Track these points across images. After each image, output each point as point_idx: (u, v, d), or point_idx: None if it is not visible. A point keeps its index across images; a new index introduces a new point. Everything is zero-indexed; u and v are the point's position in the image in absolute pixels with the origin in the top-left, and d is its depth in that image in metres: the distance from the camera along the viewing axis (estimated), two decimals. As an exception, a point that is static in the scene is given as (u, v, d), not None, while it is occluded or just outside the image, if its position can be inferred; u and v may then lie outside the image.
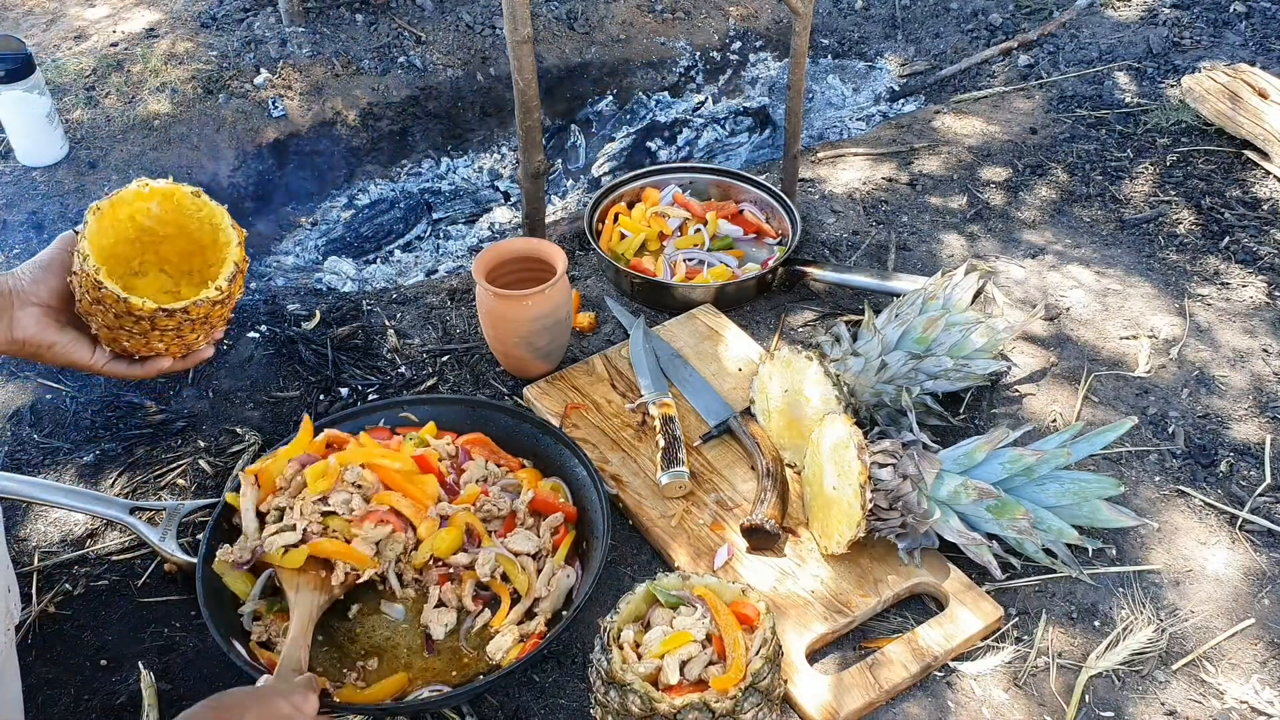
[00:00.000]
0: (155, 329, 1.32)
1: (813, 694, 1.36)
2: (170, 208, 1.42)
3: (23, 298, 1.30)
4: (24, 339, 1.30)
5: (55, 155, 2.51)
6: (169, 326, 1.33)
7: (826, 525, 1.52)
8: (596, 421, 1.76)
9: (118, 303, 1.28)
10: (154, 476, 1.72)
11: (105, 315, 1.30)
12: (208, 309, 1.35)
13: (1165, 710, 1.39)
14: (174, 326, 1.34)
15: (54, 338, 1.32)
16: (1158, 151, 2.49)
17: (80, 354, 1.35)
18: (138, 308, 1.29)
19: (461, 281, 2.15)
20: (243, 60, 2.91)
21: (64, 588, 1.55)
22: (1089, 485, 1.52)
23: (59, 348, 1.32)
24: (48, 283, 1.33)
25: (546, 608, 1.42)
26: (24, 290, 1.31)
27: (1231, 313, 2.04)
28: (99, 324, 1.32)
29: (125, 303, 1.28)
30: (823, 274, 2.03)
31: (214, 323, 1.39)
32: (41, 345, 1.31)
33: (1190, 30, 2.99)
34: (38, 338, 1.30)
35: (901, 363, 1.69)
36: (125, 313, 1.29)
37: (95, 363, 1.36)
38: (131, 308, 1.28)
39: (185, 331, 1.36)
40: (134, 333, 1.32)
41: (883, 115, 3.08)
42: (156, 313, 1.30)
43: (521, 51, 1.85)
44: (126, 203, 1.39)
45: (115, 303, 1.28)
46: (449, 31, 3.13)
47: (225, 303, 1.38)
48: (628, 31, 3.30)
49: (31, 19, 3.12)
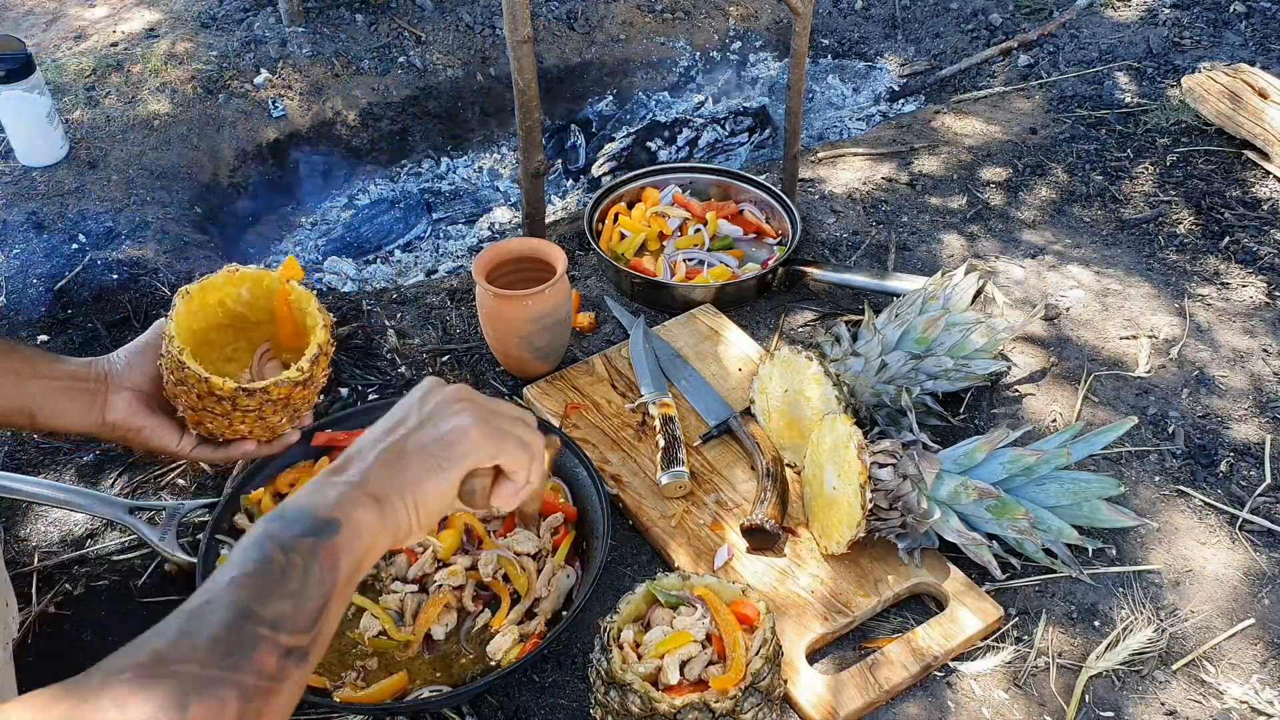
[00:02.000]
0: (237, 409, 1.34)
1: (812, 694, 1.36)
2: (260, 293, 1.44)
3: (116, 382, 1.33)
4: (115, 422, 1.32)
5: (55, 155, 2.51)
6: (250, 407, 1.35)
7: (826, 525, 1.52)
8: (596, 421, 1.76)
9: (200, 383, 1.30)
10: (154, 476, 1.72)
11: (189, 396, 1.32)
12: (289, 390, 1.36)
13: (1165, 710, 1.39)
14: (255, 407, 1.36)
15: (144, 422, 1.34)
16: (1158, 151, 2.50)
17: (168, 439, 1.37)
18: (218, 387, 1.31)
19: (461, 281, 2.15)
20: (243, 60, 2.91)
21: (64, 588, 1.55)
22: (1089, 485, 1.52)
23: (147, 432, 1.35)
24: (141, 367, 1.36)
25: (546, 608, 1.42)
26: (118, 374, 1.34)
27: (1231, 313, 2.04)
28: (184, 405, 1.34)
29: (207, 383, 1.30)
30: (823, 274, 2.03)
31: (297, 405, 1.41)
32: (131, 429, 1.34)
33: (1190, 30, 2.99)
34: (128, 422, 1.33)
35: (901, 363, 1.69)
36: (207, 393, 1.31)
37: (182, 449, 1.39)
38: (213, 387, 1.30)
39: (268, 413, 1.38)
40: (216, 413, 1.34)
41: (883, 115, 3.08)
42: (237, 393, 1.32)
43: (521, 51, 1.85)
44: (216, 287, 1.42)
45: (198, 383, 1.30)
46: (449, 31, 3.14)
47: (307, 384, 1.39)
48: (628, 31, 3.30)
49: (31, 19, 3.12)
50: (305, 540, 0.90)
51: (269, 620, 0.84)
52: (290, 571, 0.88)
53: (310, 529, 0.91)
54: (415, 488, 0.98)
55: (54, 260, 2.23)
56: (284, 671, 0.84)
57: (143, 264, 2.23)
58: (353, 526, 0.93)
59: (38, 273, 2.19)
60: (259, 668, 0.82)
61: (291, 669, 0.84)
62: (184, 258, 2.30)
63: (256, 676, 0.81)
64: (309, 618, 0.87)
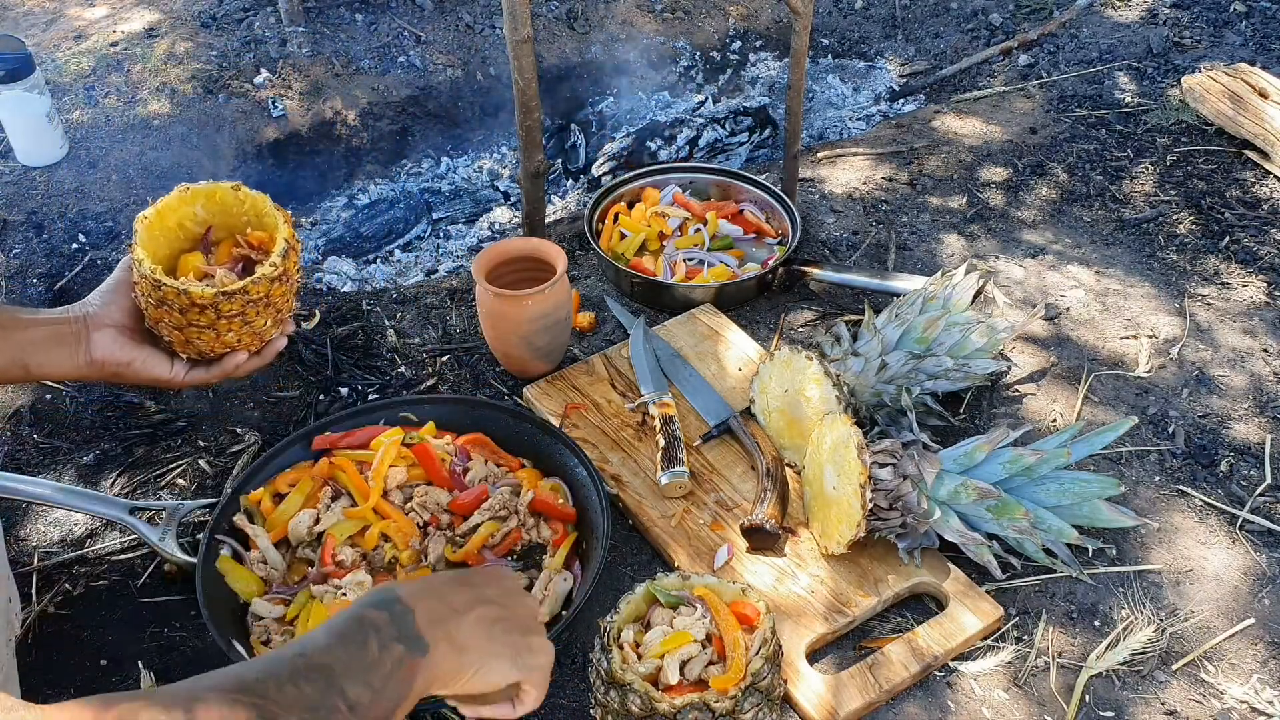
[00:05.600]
0: (221, 317, 1.34)
1: (812, 694, 1.36)
2: (214, 208, 1.44)
3: (95, 321, 1.34)
4: (102, 359, 1.33)
5: (55, 155, 2.51)
6: (234, 311, 1.35)
7: (826, 525, 1.52)
8: (596, 421, 1.76)
9: (179, 296, 1.30)
10: (154, 476, 1.72)
11: (172, 314, 1.33)
12: (266, 287, 1.37)
13: (1165, 710, 1.39)
14: (239, 311, 1.36)
15: (131, 354, 1.35)
16: (1158, 151, 2.49)
17: (159, 368, 1.38)
18: (199, 296, 1.31)
19: (461, 281, 2.15)
20: (243, 60, 2.91)
21: (64, 588, 1.55)
22: (1089, 485, 1.52)
23: (137, 364, 1.36)
24: (117, 303, 1.37)
25: (545, 611, 1.42)
26: (95, 314, 1.35)
27: (1231, 313, 2.04)
28: (169, 328, 1.35)
29: (186, 294, 1.30)
30: (823, 274, 2.03)
31: (279, 305, 1.42)
32: (120, 364, 1.35)
33: (1190, 30, 2.99)
34: (115, 356, 1.34)
35: (901, 363, 1.69)
36: (189, 305, 1.31)
37: (175, 375, 1.40)
38: (194, 298, 1.30)
39: (251, 315, 1.38)
40: (202, 325, 1.34)
41: (883, 115, 3.08)
42: (218, 297, 1.32)
43: (521, 51, 1.85)
44: (172, 209, 1.43)
45: (177, 297, 1.31)
46: (449, 31, 3.13)
47: (283, 280, 1.40)
48: (628, 31, 3.30)
49: (31, 19, 3.12)
50: (398, 647, 0.94)
51: (350, 700, 0.88)
52: (378, 668, 0.91)
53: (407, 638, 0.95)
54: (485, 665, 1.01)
55: (54, 260, 2.23)
56: None
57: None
58: (436, 658, 0.97)
59: (38, 273, 2.19)
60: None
61: None
62: (184, 258, 2.30)
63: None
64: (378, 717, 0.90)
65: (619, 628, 1.26)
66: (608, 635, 1.25)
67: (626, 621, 1.28)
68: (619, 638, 1.25)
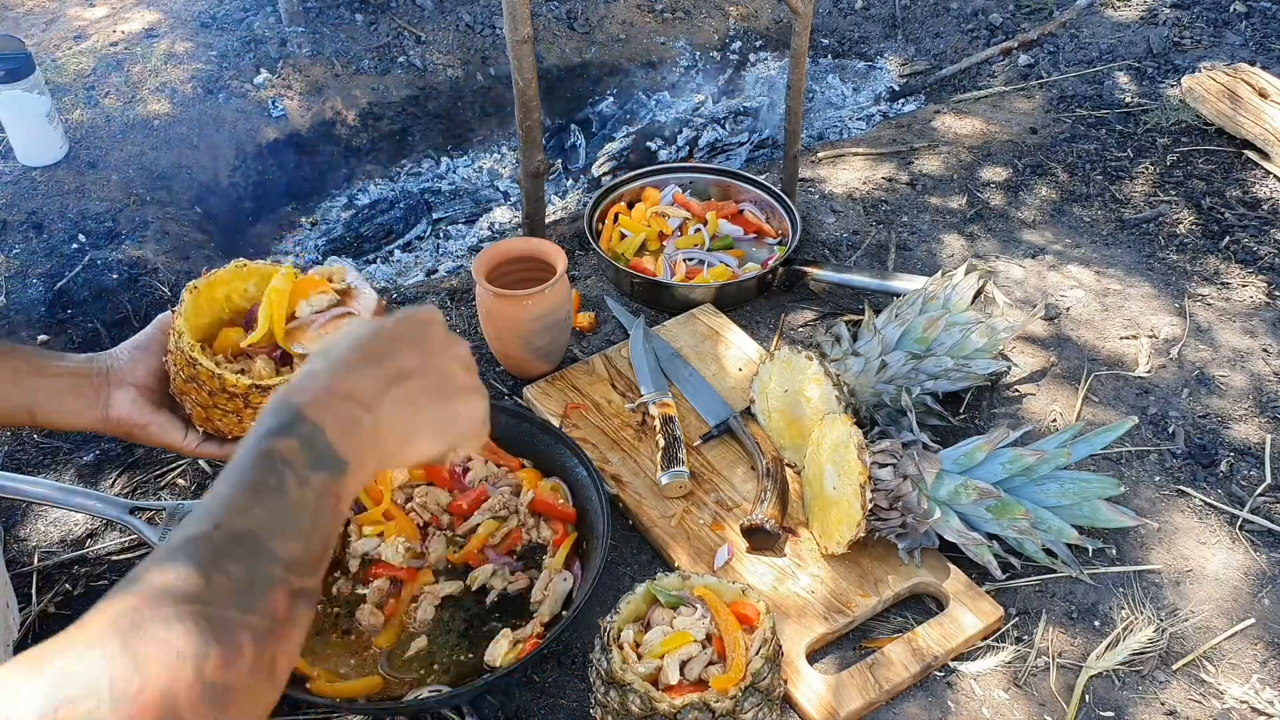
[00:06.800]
0: (249, 407, 1.31)
1: (813, 694, 1.36)
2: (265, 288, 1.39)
3: (119, 377, 1.31)
4: (118, 419, 1.30)
5: (55, 155, 2.51)
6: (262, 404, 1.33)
7: (826, 525, 1.52)
8: (596, 421, 1.76)
9: (212, 380, 1.27)
10: (154, 476, 1.72)
11: (200, 394, 1.29)
12: None
13: (1165, 710, 1.39)
14: None
15: (148, 418, 1.32)
16: (1158, 151, 2.49)
17: (173, 435, 1.35)
18: (232, 384, 1.27)
19: (461, 281, 2.15)
20: (243, 60, 2.91)
21: (64, 588, 1.55)
22: (1089, 485, 1.52)
23: (153, 428, 1.33)
24: (145, 362, 1.33)
25: (544, 611, 1.42)
26: (120, 370, 1.32)
27: (1231, 313, 2.04)
28: (192, 403, 1.32)
29: (220, 380, 1.27)
30: (823, 274, 2.03)
31: None
32: (135, 425, 1.31)
33: (1190, 30, 2.99)
34: (132, 418, 1.31)
35: (901, 363, 1.69)
36: (219, 390, 1.28)
37: (188, 445, 1.36)
38: (226, 384, 1.27)
39: None
40: (227, 410, 1.31)
41: (883, 115, 3.08)
42: (250, 390, 1.29)
43: (521, 51, 1.85)
44: (223, 282, 1.39)
45: (209, 380, 1.27)
46: (449, 31, 3.13)
47: None
48: (628, 31, 3.30)
49: (31, 19, 3.12)
50: (317, 476, 0.83)
51: (284, 559, 0.79)
52: (303, 509, 0.82)
53: (324, 462, 0.84)
54: (408, 448, 0.93)
55: (54, 260, 2.23)
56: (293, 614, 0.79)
57: (143, 264, 2.23)
58: (359, 473, 0.87)
59: (38, 273, 2.19)
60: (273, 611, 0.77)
61: (300, 612, 0.80)
62: (184, 258, 2.31)
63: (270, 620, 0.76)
64: (315, 560, 0.82)
65: (619, 628, 1.26)
66: (608, 635, 1.24)
67: (626, 621, 1.28)
68: (619, 638, 1.25)
